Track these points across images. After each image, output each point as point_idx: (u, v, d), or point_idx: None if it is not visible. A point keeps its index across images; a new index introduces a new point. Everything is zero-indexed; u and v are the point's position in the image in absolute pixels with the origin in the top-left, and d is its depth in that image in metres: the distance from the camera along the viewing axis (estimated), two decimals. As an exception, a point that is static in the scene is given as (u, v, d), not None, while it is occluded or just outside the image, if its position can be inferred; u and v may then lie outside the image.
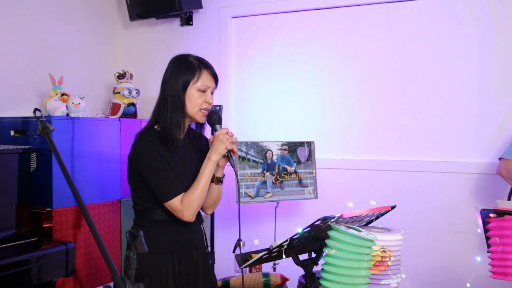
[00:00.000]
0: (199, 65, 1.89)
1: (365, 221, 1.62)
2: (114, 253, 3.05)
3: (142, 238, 1.11)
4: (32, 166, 2.65)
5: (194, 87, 1.87)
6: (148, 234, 1.84)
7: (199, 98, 1.87)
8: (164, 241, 1.89)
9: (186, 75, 1.87)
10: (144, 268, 1.85)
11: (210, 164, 1.84)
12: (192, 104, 1.88)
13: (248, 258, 1.66)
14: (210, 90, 1.90)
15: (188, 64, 1.89)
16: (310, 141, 2.94)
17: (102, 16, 3.66)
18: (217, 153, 1.84)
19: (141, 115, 3.53)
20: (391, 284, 1.45)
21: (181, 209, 1.80)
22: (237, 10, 3.42)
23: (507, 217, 1.40)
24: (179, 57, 1.94)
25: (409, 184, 2.92)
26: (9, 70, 2.93)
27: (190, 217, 1.82)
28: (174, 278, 1.88)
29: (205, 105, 1.89)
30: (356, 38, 3.08)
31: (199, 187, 1.82)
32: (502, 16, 2.72)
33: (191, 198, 1.81)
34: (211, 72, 1.90)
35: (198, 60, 1.92)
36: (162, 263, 1.87)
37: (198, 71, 1.87)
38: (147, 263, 1.85)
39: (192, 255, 1.95)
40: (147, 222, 1.91)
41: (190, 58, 1.92)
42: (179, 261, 1.90)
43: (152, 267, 1.86)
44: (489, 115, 2.76)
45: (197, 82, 1.87)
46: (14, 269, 2.22)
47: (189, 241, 1.94)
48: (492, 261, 1.45)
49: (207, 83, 1.88)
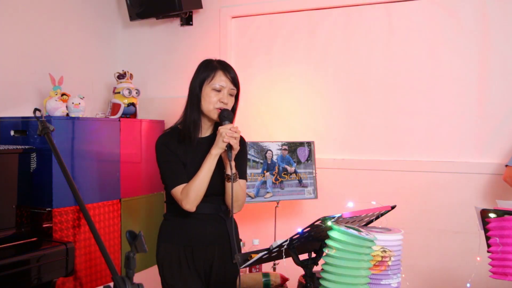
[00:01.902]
0: (215, 66, 1.99)
1: (365, 221, 1.62)
2: (114, 253, 3.05)
3: (142, 238, 1.11)
4: (32, 166, 2.65)
5: (209, 86, 1.96)
6: (165, 226, 2.07)
7: (214, 97, 1.96)
8: (178, 233, 2.01)
9: (203, 75, 1.98)
10: (159, 257, 2.04)
11: (210, 158, 1.91)
12: (206, 102, 1.96)
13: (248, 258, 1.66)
14: (226, 90, 1.97)
15: (208, 65, 2.01)
16: (310, 141, 2.94)
17: (102, 16, 3.66)
18: (216, 147, 1.91)
19: (141, 115, 3.53)
20: (392, 284, 1.45)
21: (181, 198, 1.92)
22: (237, 10, 3.42)
23: (507, 217, 1.40)
24: (204, 60, 2.06)
25: (409, 184, 2.92)
26: (9, 70, 2.93)
27: (188, 206, 1.91)
28: (189, 269, 1.99)
29: (219, 104, 1.96)
30: (356, 38, 3.08)
31: (198, 178, 1.91)
32: (502, 16, 2.72)
33: (189, 188, 1.91)
34: (227, 74, 1.98)
35: (219, 62, 2.03)
36: (174, 254, 2.00)
37: (214, 71, 1.97)
38: (162, 252, 2.03)
39: (206, 250, 2.01)
40: (170, 215, 2.07)
41: (212, 61, 2.03)
42: (192, 255, 2.00)
43: (165, 257, 2.02)
44: (489, 115, 2.76)
45: (211, 81, 1.96)
46: (14, 269, 2.22)
47: (205, 236, 2.01)
48: (492, 261, 1.45)
49: (222, 83, 1.96)
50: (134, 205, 3.21)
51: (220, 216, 2.03)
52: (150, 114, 3.64)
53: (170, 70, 3.63)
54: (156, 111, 3.63)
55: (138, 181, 3.26)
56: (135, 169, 3.23)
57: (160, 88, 3.66)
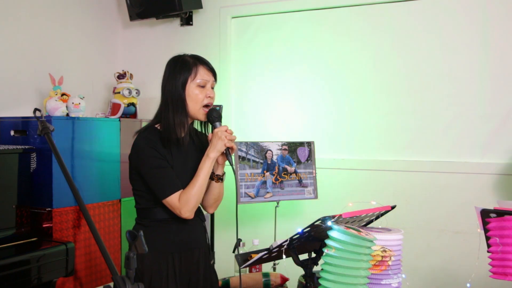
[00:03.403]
0: (194, 62, 1.89)
1: (365, 221, 1.62)
2: (114, 253, 3.05)
3: (142, 238, 1.11)
4: (32, 166, 2.65)
5: (193, 84, 1.87)
6: (149, 233, 1.86)
7: (200, 94, 1.88)
8: (164, 240, 1.89)
9: (183, 74, 1.87)
10: (145, 267, 1.86)
11: (209, 161, 1.84)
12: (193, 101, 1.88)
13: (248, 258, 1.66)
14: (210, 84, 1.90)
15: (184, 62, 1.90)
16: (310, 141, 2.94)
17: (102, 16, 3.65)
18: (215, 150, 1.83)
19: (141, 115, 3.53)
20: (392, 284, 1.45)
21: (179, 206, 1.80)
22: (237, 10, 3.42)
23: (507, 217, 1.40)
24: (174, 58, 1.95)
25: (409, 184, 2.92)
26: (9, 70, 2.93)
27: (188, 214, 1.82)
28: (175, 277, 1.88)
29: (207, 100, 1.89)
30: (356, 38, 3.08)
31: (197, 184, 1.82)
32: (502, 16, 2.72)
33: (189, 195, 1.81)
34: (208, 67, 1.90)
35: (193, 57, 1.93)
36: (162, 262, 1.87)
37: (195, 67, 1.88)
38: (148, 262, 1.86)
39: (193, 254, 1.95)
40: (148, 221, 1.92)
41: (185, 57, 1.93)
42: (180, 260, 1.90)
43: (152, 266, 1.87)
44: (489, 115, 2.76)
45: (195, 78, 1.87)
46: (14, 269, 2.22)
47: (190, 240, 1.94)
48: (492, 261, 1.45)
49: (205, 77, 1.88)
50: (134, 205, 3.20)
51: (199, 218, 1.98)
52: (150, 114, 3.61)
53: (170, 70, 3.62)
54: (156, 111, 3.61)
55: (138, 181, 3.26)
56: (135, 169, 3.22)
57: (160, 88, 3.65)
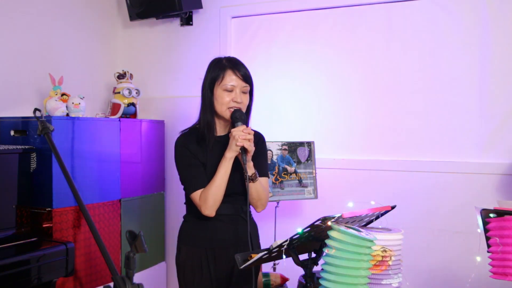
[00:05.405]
0: (224, 65, 1.94)
1: (365, 221, 1.62)
2: (114, 253, 3.05)
3: (142, 238, 1.11)
4: (32, 166, 2.65)
5: (220, 87, 1.93)
6: (186, 228, 2.03)
7: (226, 97, 1.92)
8: (199, 236, 1.98)
9: (213, 76, 1.94)
10: (180, 260, 2.01)
11: (225, 161, 1.88)
12: (219, 103, 1.93)
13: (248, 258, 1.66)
14: (238, 89, 1.93)
15: (217, 64, 1.96)
16: (310, 141, 2.94)
17: (102, 16, 3.66)
18: (231, 150, 1.87)
19: (141, 115, 3.53)
20: (393, 284, 1.45)
21: (199, 204, 1.90)
22: (237, 10, 3.42)
23: (507, 217, 1.40)
24: (212, 60, 2.00)
25: (409, 184, 2.92)
26: (9, 70, 2.93)
27: (207, 212, 1.89)
28: (209, 273, 1.95)
29: (233, 104, 1.93)
30: (356, 38, 3.08)
31: (214, 183, 1.88)
32: (502, 16, 2.72)
33: (207, 194, 1.88)
34: (236, 72, 1.93)
35: (228, 60, 1.97)
36: (195, 257, 1.97)
37: (223, 71, 1.92)
38: (183, 256, 1.99)
39: (228, 253, 1.96)
40: (189, 217, 2.03)
41: (221, 59, 1.98)
42: (214, 257, 1.97)
43: (186, 261, 1.98)
44: (489, 115, 2.76)
45: (222, 82, 1.92)
46: (14, 269, 2.22)
47: (227, 238, 1.98)
48: (492, 261, 1.45)
49: (232, 83, 1.92)
50: (134, 205, 3.21)
51: (241, 217, 1.99)
52: (150, 114, 3.64)
53: (170, 70, 3.63)
54: (156, 111, 3.63)
55: (138, 181, 3.26)
56: (135, 169, 3.23)
57: (160, 88, 3.66)
